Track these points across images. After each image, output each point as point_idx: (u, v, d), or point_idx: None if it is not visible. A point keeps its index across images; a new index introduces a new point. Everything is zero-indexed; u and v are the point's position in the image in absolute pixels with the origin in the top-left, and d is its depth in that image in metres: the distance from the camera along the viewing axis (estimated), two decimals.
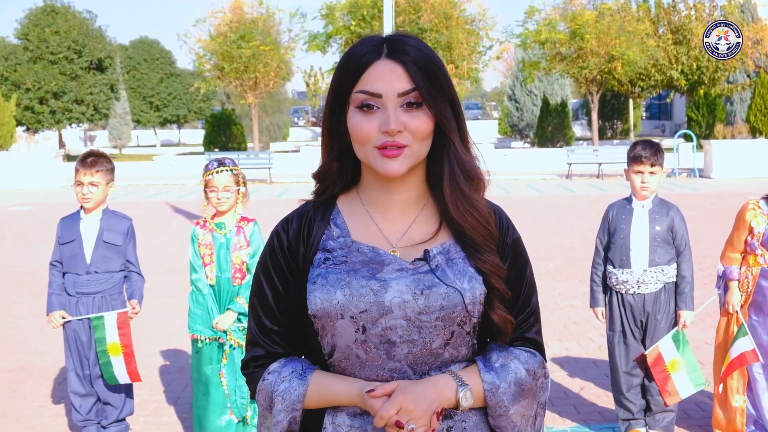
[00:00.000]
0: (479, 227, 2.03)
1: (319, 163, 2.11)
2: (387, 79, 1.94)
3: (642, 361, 5.33)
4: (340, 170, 2.08)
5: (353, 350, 1.98)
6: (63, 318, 5.36)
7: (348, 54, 2.01)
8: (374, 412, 1.90)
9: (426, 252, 2.01)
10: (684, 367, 5.25)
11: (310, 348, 2.08)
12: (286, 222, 2.12)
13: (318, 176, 2.11)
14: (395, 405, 1.87)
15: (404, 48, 1.97)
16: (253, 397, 2.13)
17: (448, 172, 2.02)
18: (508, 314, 2.05)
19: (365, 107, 1.95)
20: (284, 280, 2.08)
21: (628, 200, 5.46)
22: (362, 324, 1.96)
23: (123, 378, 5.37)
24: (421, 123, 1.95)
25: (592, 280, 5.58)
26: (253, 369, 2.12)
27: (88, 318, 5.34)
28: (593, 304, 5.57)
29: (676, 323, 5.35)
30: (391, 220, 2.07)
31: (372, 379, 1.99)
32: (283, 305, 2.09)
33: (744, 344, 5.14)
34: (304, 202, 2.15)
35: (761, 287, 5.24)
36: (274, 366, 2.08)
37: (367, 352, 1.98)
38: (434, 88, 1.96)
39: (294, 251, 2.08)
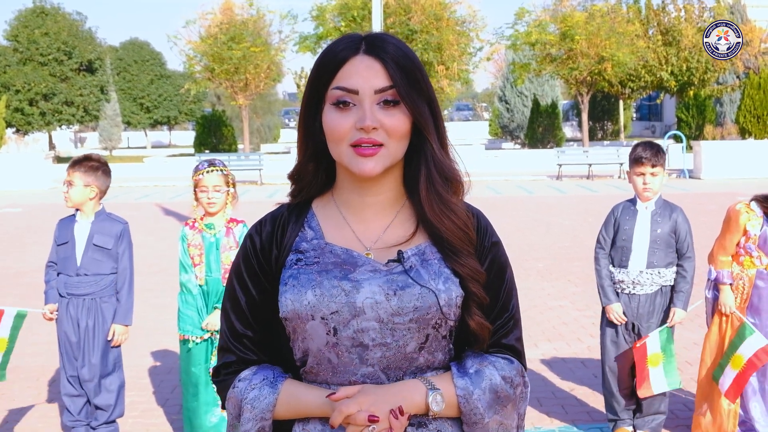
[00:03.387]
0: (456, 230, 1.96)
1: (295, 163, 2.06)
2: (364, 75, 1.89)
3: (627, 355, 5.37)
4: (316, 171, 2.02)
5: (325, 354, 1.92)
6: (51, 313, 5.41)
7: (325, 51, 1.96)
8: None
9: (400, 253, 1.95)
10: (662, 364, 5.27)
11: (284, 356, 2.02)
12: (259, 225, 2.07)
13: (293, 177, 2.05)
14: (356, 403, 1.82)
15: (383, 45, 1.92)
16: (224, 406, 2.04)
17: (425, 173, 1.97)
18: (486, 320, 1.98)
19: (341, 104, 1.90)
20: (257, 284, 2.02)
21: (632, 202, 5.43)
22: (333, 326, 1.89)
23: None
24: (397, 121, 1.90)
25: (600, 277, 5.45)
26: (224, 376, 2.05)
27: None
28: (607, 301, 5.42)
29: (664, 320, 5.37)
30: (366, 223, 2.01)
31: (344, 385, 1.91)
32: (257, 309, 2.02)
33: (756, 341, 5.06)
34: (279, 205, 2.10)
35: (758, 288, 5.23)
36: (245, 373, 2.00)
37: (339, 355, 1.91)
38: (412, 86, 1.91)
39: (267, 254, 2.02)
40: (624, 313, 5.39)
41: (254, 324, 2.03)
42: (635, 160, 5.32)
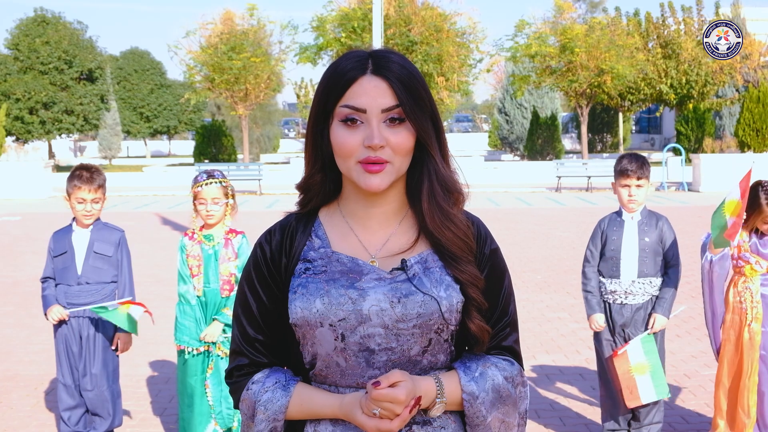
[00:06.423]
0: (456, 240, 2.07)
1: (303, 174, 2.15)
2: (372, 94, 1.99)
3: (609, 363, 5.38)
4: (323, 182, 2.11)
5: (333, 358, 2.02)
6: (60, 313, 5.31)
7: (333, 68, 2.05)
8: (361, 425, 1.94)
9: (403, 261, 2.05)
10: (649, 372, 5.27)
11: (293, 359, 2.12)
12: (269, 234, 2.17)
13: (301, 187, 2.15)
14: (407, 391, 1.91)
15: (388, 65, 2.02)
16: (236, 406, 2.15)
17: (427, 186, 2.07)
18: (485, 323, 2.08)
19: (349, 121, 1.99)
20: (268, 290, 2.12)
21: (618, 214, 5.49)
22: (341, 332, 2.00)
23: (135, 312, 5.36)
24: (402, 139, 2.00)
25: (585, 289, 5.51)
26: (237, 378, 2.15)
27: (87, 309, 5.31)
28: (590, 311, 5.48)
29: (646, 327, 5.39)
30: (371, 232, 2.11)
31: (352, 386, 2.03)
32: (267, 315, 2.12)
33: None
34: (287, 214, 2.19)
35: (765, 297, 5.16)
36: (258, 376, 2.11)
37: (346, 359, 2.01)
38: (416, 104, 2.01)
39: (277, 262, 2.12)
40: (609, 321, 5.45)
41: (265, 328, 2.14)
42: (621, 172, 5.38)
